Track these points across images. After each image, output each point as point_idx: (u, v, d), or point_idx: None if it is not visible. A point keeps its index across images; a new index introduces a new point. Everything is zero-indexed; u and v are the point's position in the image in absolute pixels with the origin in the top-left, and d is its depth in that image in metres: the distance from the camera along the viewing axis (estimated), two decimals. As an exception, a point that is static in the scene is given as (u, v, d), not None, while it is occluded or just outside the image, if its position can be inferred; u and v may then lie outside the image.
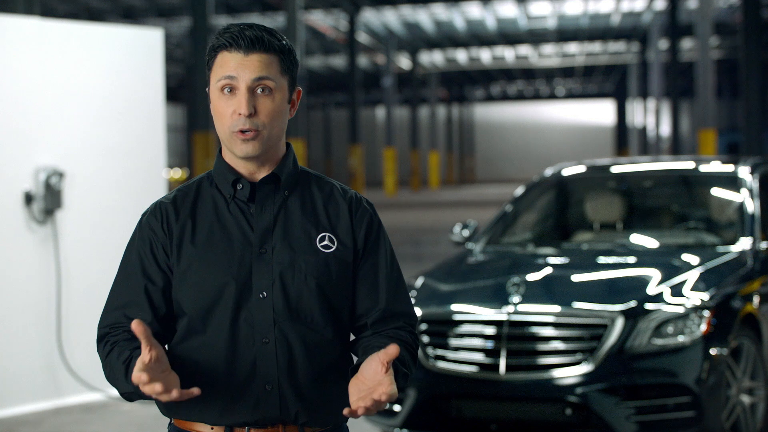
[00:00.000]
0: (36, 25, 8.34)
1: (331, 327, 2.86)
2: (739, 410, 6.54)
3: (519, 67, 55.19)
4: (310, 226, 2.88)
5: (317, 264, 2.84)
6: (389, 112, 43.77)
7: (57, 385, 8.36)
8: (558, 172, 8.80)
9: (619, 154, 55.73)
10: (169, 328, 2.90)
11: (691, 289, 6.59)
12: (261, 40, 2.81)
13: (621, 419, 6.19)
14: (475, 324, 6.55)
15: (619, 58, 52.10)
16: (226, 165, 2.91)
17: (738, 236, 7.52)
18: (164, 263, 2.87)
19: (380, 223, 2.99)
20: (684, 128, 55.98)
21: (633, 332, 6.29)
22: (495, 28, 40.94)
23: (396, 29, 41.93)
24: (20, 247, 8.18)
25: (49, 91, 8.32)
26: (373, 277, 2.93)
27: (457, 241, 8.36)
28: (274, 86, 2.82)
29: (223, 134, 2.84)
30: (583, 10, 37.12)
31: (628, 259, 7.41)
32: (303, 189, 2.93)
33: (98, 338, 2.93)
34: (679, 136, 36.99)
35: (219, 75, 2.82)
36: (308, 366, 2.79)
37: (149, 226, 2.91)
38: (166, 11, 34.45)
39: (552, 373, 6.33)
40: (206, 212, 2.89)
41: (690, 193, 8.65)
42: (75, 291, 8.41)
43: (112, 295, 2.95)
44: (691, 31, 36.31)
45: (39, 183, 8.20)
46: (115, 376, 2.80)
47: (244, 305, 2.81)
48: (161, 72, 9.11)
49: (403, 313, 2.96)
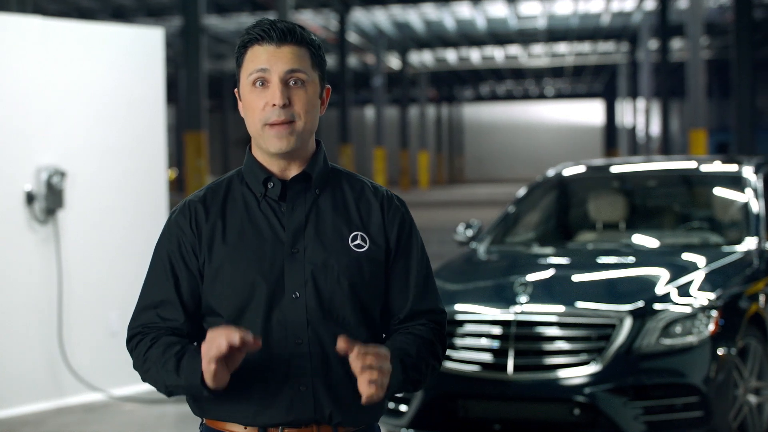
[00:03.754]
0: (37, 25, 8.31)
1: (364, 326, 2.84)
2: (746, 410, 6.53)
3: (508, 67, 55.17)
4: (342, 225, 2.86)
5: (350, 264, 2.82)
6: (379, 111, 43.71)
7: (58, 385, 8.33)
8: (561, 172, 8.78)
9: (608, 154, 55.75)
10: (199, 328, 2.89)
11: (699, 289, 6.58)
12: (293, 32, 2.80)
13: (629, 419, 6.18)
14: (482, 324, 6.54)
15: (609, 58, 52.11)
16: (256, 163, 2.88)
17: (743, 236, 7.51)
18: (192, 262, 2.85)
19: (412, 221, 2.98)
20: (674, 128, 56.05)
21: (641, 332, 6.28)
22: (485, 27, 40.91)
23: (386, 29, 41.88)
24: (21, 246, 8.15)
25: (51, 91, 8.29)
26: (405, 277, 2.92)
27: (461, 241, 8.34)
28: (307, 78, 2.80)
29: (255, 128, 2.81)
30: (573, 10, 37.10)
31: (634, 259, 7.40)
32: (334, 187, 2.91)
33: (129, 337, 2.89)
34: (669, 136, 37.01)
35: (251, 69, 2.80)
36: (342, 366, 2.76)
37: (177, 225, 2.88)
38: (156, 11, 34.35)
39: (560, 373, 6.31)
40: (237, 211, 2.86)
41: (694, 193, 8.65)
42: (76, 290, 8.38)
43: (143, 294, 2.92)
44: (680, 31, 36.34)
45: (40, 182, 8.17)
46: (159, 370, 2.78)
47: (276, 306, 2.79)
48: (162, 71, 9.09)
49: (430, 310, 2.94)
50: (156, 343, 2.81)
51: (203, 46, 24.76)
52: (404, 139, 50.63)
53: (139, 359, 2.84)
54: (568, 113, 69.86)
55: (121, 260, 8.68)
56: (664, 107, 35.30)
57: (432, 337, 2.91)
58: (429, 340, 2.89)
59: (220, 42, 42.09)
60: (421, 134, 57.05)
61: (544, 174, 8.87)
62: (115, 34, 8.86)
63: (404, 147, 50.31)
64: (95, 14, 33.19)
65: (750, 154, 19.85)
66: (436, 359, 2.90)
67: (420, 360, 2.84)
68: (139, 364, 2.84)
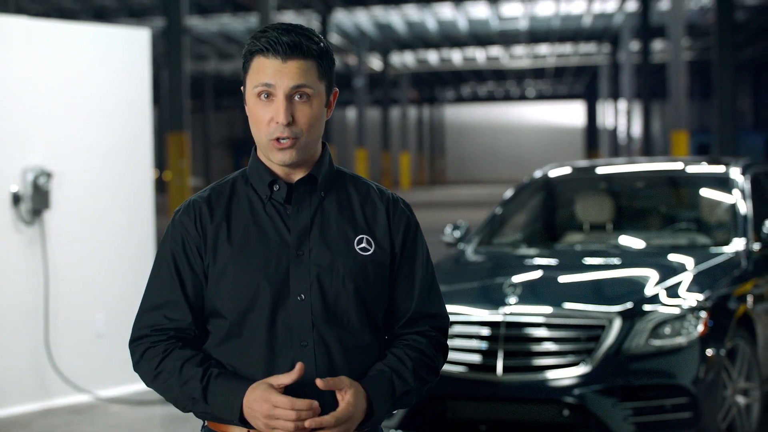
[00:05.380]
0: (24, 25, 8.28)
1: (368, 329, 2.84)
2: (735, 411, 6.56)
3: (490, 68, 55.22)
4: (348, 228, 2.86)
5: (355, 267, 2.82)
6: (361, 113, 43.70)
7: (45, 387, 8.30)
8: (548, 173, 8.79)
9: (590, 155, 55.87)
10: (201, 328, 2.88)
11: (687, 290, 6.60)
12: (299, 46, 2.77)
13: (618, 420, 6.19)
14: (471, 325, 6.54)
15: (590, 60, 52.19)
16: (262, 165, 2.88)
17: (731, 237, 7.54)
18: (196, 263, 2.84)
19: (417, 225, 2.97)
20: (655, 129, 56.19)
21: (630, 333, 6.29)
22: (467, 29, 40.94)
23: (368, 30, 41.88)
24: (7, 247, 8.12)
25: (37, 92, 8.26)
26: (410, 280, 2.92)
27: (449, 242, 8.34)
28: (312, 93, 2.79)
29: (260, 140, 2.82)
30: (555, 11, 37.15)
31: (622, 260, 7.41)
32: (339, 190, 2.91)
33: (135, 338, 2.87)
34: (650, 138, 37.10)
35: (256, 81, 2.79)
36: (347, 368, 2.76)
37: (182, 224, 2.87)
38: (137, 11, 34.27)
39: (549, 374, 6.32)
40: (242, 212, 2.86)
41: (681, 194, 8.66)
42: (62, 292, 8.35)
43: (147, 294, 2.90)
44: (662, 33, 36.44)
45: (26, 183, 8.14)
46: (179, 390, 2.77)
47: (281, 308, 2.78)
48: (148, 72, 9.07)
49: (433, 315, 2.95)
50: (169, 356, 2.79)
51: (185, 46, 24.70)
52: (386, 140, 50.65)
53: (148, 368, 2.82)
54: (550, 114, 69.97)
55: (108, 261, 8.66)
56: (646, 108, 35.39)
57: (432, 352, 2.91)
58: (429, 356, 2.90)
59: (201, 43, 42.02)
60: (402, 135, 57.09)
61: (531, 175, 8.88)
62: (102, 34, 8.83)
63: (386, 148, 50.33)
64: (77, 15, 33.09)
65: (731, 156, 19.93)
66: (433, 374, 2.92)
67: (415, 380, 2.85)
68: (148, 372, 2.82)
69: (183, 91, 24.68)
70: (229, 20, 36.54)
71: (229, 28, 38.76)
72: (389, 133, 51.59)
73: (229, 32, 39.61)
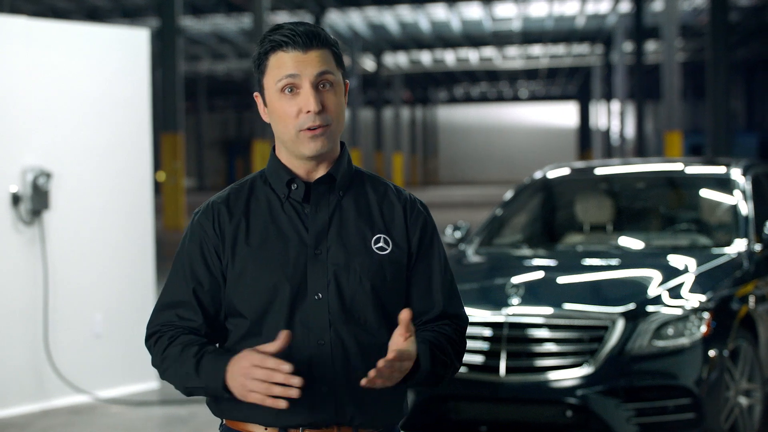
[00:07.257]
0: (23, 25, 8.25)
1: (385, 328, 2.83)
2: (737, 412, 6.55)
3: (483, 69, 55.26)
4: (365, 227, 2.87)
5: (372, 266, 2.83)
6: (354, 113, 43.72)
7: (43, 388, 8.28)
8: (547, 174, 8.78)
9: (583, 156, 55.95)
10: (217, 329, 2.89)
11: (690, 291, 6.59)
12: (317, 35, 2.79)
13: (621, 421, 6.19)
14: (474, 326, 6.52)
15: (583, 60, 52.25)
16: (280, 164, 2.88)
17: (733, 238, 7.53)
18: (214, 264, 2.85)
19: (434, 226, 2.98)
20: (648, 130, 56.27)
21: (633, 334, 6.29)
22: (460, 29, 40.96)
23: (361, 31, 41.87)
24: (7, 248, 8.09)
25: (36, 92, 8.24)
26: (426, 280, 2.93)
27: (450, 243, 8.34)
28: (335, 80, 2.81)
29: (288, 135, 2.81)
30: (548, 12, 37.18)
31: (624, 261, 7.40)
32: (357, 189, 2.92)
33: (148, 335, 2.90)
34: (643, 138, 37.16)
35: (278, 75, 2.79)
36: (363, 367, 2.75)
37: (200, 226, 2.88)
38: (131, 12, 34.23)
39: (552, 375, 6.32)
40: (260, 212, 2.86)
41: (682, 195, 8.66)
42: (62, 292, 8.33)
43: (164, 293, 2.92)
44: (655, 34, 36.52)
45: (26, 184, 8.12)
46: (177, 370, 2.78)
47: (299, 306, 2.79)
48: (147, 72, 9.05)
49: (457, 315, 2.98)
50: (174, 342, 2.82)
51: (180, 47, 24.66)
52: (379, 140, 50.71)
53: (157, 357, 2.85)
54: (542, 115, 70.05)
55: (107, 262, 8.64)
56: (639, 109, 35.46)
57: (458, 338, 2.93)
58: (456, 340, 2.92)
59: (194, 43, 41.98)
60: (395, 136, 57.11)
61: (531, 176, 8.88)
62: (101, 34, 8.81)
63: (378, 148, 50.38)
64: (70, 15, 33.05)
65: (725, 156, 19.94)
66: (459, 359, 2.93)
67: (447, 357, 2.86)
68: (158, 362, 2.85)
69: (177, 91, 24.62)
70: (223, 20, 36.53)
71: (223, 29, 38.74)
72: (382, 134, 51.64)
73: (222, 32, 39.58)
